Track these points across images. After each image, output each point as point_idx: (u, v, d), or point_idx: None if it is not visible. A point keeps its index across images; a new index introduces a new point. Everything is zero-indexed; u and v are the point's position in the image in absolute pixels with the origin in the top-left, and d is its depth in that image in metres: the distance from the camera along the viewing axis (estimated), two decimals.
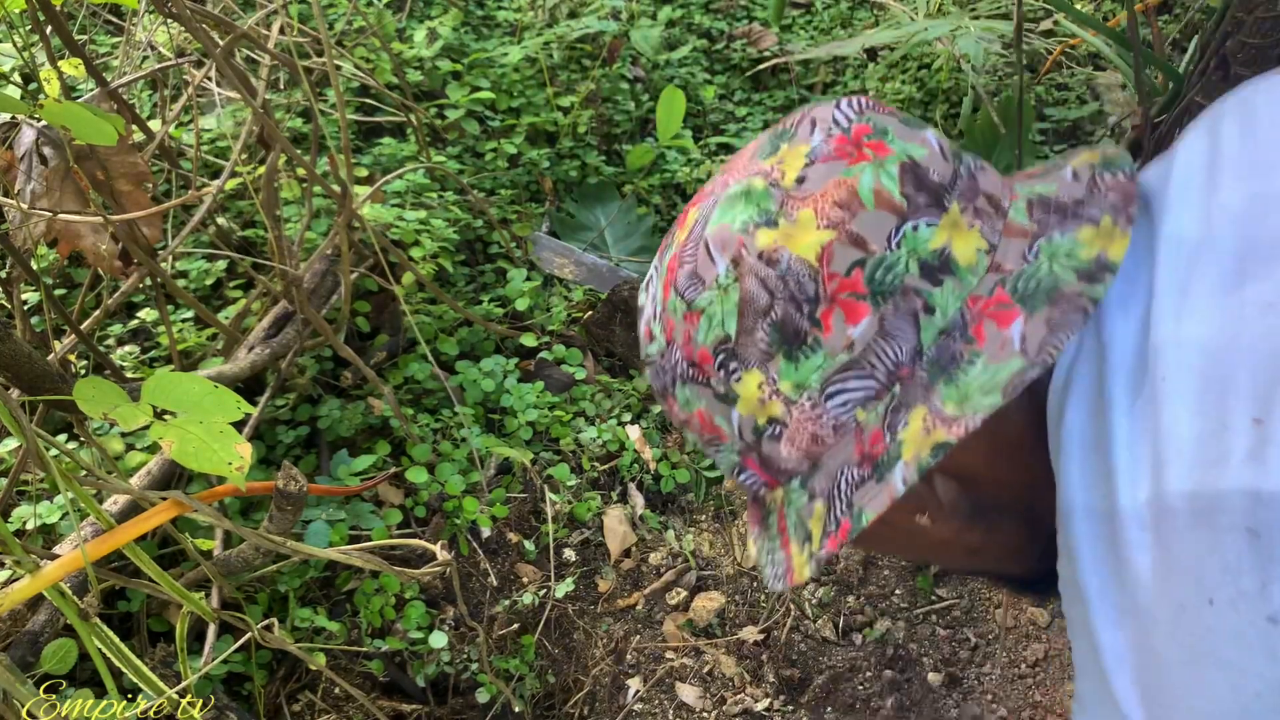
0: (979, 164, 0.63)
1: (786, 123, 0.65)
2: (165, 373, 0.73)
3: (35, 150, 1.16)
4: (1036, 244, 0.59)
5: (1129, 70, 1.35)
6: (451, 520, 1.69)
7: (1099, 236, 0.57)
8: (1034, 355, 0.55)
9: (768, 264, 0.59)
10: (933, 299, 0.59)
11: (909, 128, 0.62)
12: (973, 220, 0.60)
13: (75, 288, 1.74)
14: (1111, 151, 0.63)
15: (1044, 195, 0.62)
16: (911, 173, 0.60)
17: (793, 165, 0.61)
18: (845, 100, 0.64)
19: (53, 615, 1.11)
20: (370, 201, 1.89)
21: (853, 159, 0.60)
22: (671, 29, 2.82)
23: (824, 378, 0.60)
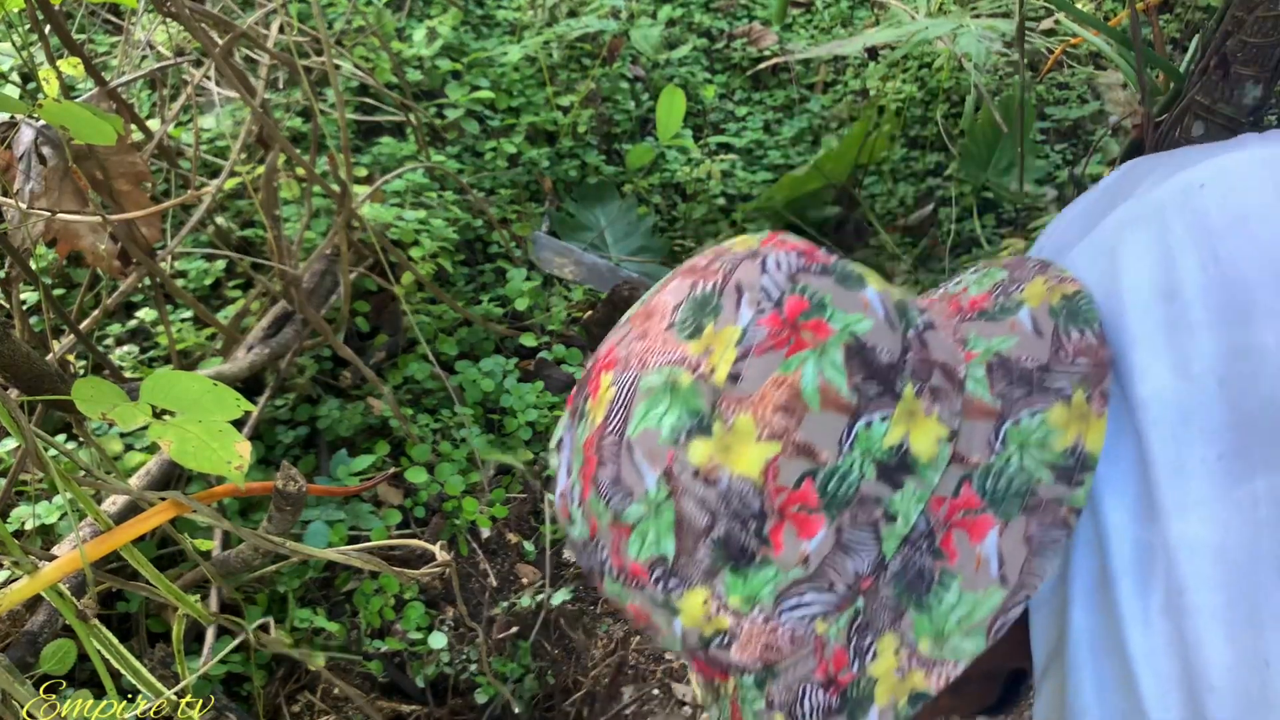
0: (926, 318, 0.56)
1: (706, 282, 0.55)
2: (164, 372, 0.73)
3: (34, 150, 1.16)
4: (1003, 428, 0.53)
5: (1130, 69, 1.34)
6: (451, 521, 1.69)
7: (1072, 418, 0.51)
8: (1015, 586, 0.50)
9: (705, 483, 0.52)
10: (893, 505, 0.52)
11: (847, 289, 0.54)
12: (930, 405, 0.53)
13: (74, 288, 1.73)
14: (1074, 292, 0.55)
15: (1003, 356, 0.54)
16: (858, 357, 0.52)
17: (723, 357, 0.52)
18: (773, 257, 0.55)
19: (51, 616, 1.11)
20: (369, 201, 1.89)
21: (791, 347, 0.52)
22: (671, 28, 2.82)
23: (776, 591, 0.54)
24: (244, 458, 0.70)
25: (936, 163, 2.52)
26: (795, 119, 2.66)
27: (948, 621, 0.51)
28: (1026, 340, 0.54)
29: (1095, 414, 0.50)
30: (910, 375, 0.53)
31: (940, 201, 2.41)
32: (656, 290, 0.59)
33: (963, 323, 0.58)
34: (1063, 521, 0.50)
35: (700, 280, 0.56)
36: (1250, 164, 0.52)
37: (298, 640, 1.47)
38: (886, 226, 2.36)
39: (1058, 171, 2.41)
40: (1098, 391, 0.50)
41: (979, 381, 0.54)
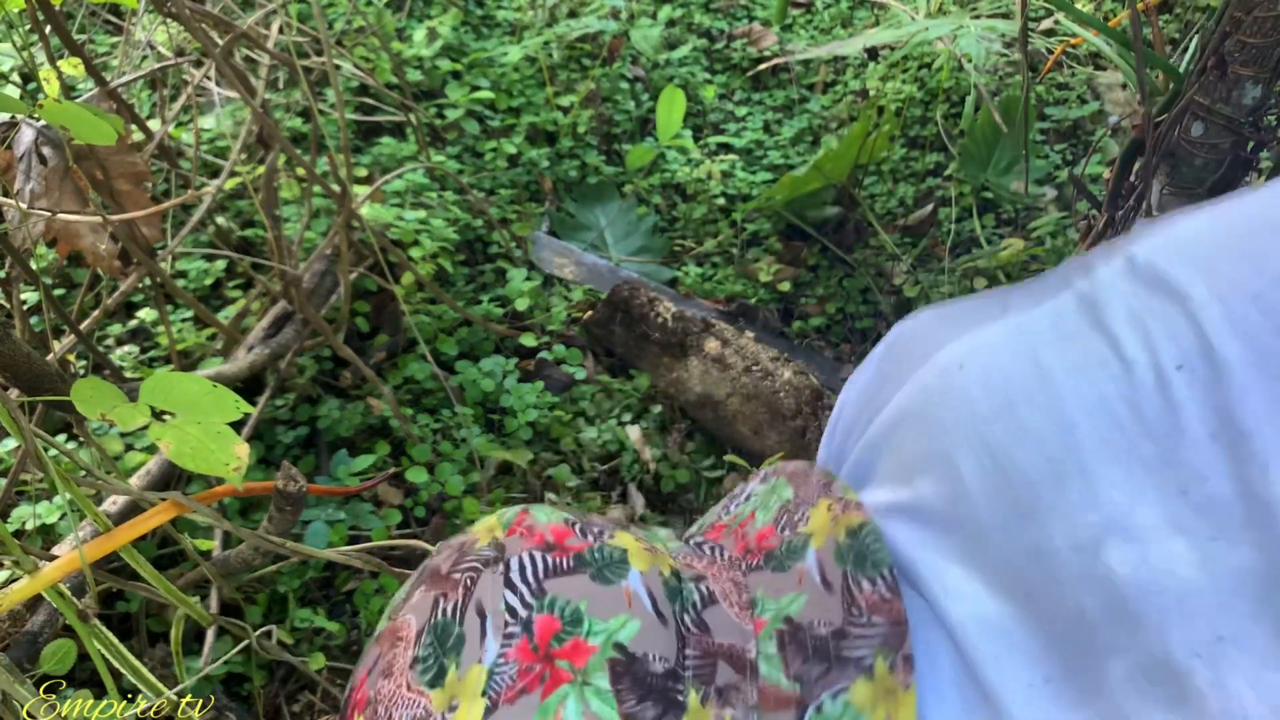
0: (704, 589, 0.50)
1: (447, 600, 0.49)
2: (164, 373, 0.73)
3: (34, 150, 1.16)
4: (805, 717, 0.46)
5: (1130, 70, 1.34)
6: (451, 521, 1.69)
7: (878, 695, 0.45)
8: None
9: None
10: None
11: (605, 583, 0.48)
12: (719, 709, 0.46)
13: (74, 288, 1.73)
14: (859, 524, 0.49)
15: (794, 622, 0.48)
16: (628, 675, 0.46)
17: (470, 711, 0.45)
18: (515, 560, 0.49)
19: (52, 615, 1.11)
20: (370, 201, 1.89)
21: (546, 684, 0.45)
22: (671, 28, 2.82)
23: None
24: (242, 460, 0.70)
25: (936, 163, 2.52)
26: (795, 119, 2.66)
27: None
28: (816, 597, 0.49)
29: (902, 687, 0.44)
30: (693, 678, 0.47)
31: (940, 201, 2.41)
32: (403, 597, 0.53)
33: (749, 573, 0.52)
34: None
35: (442, 596, 0.49)
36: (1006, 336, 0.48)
37: (298, 640, 1.47)
38: (886, 226, 2.36)
39: (1058, 172, 2.41)
40: (900, 658, 0.45)
41: (771, 662, 0.48)
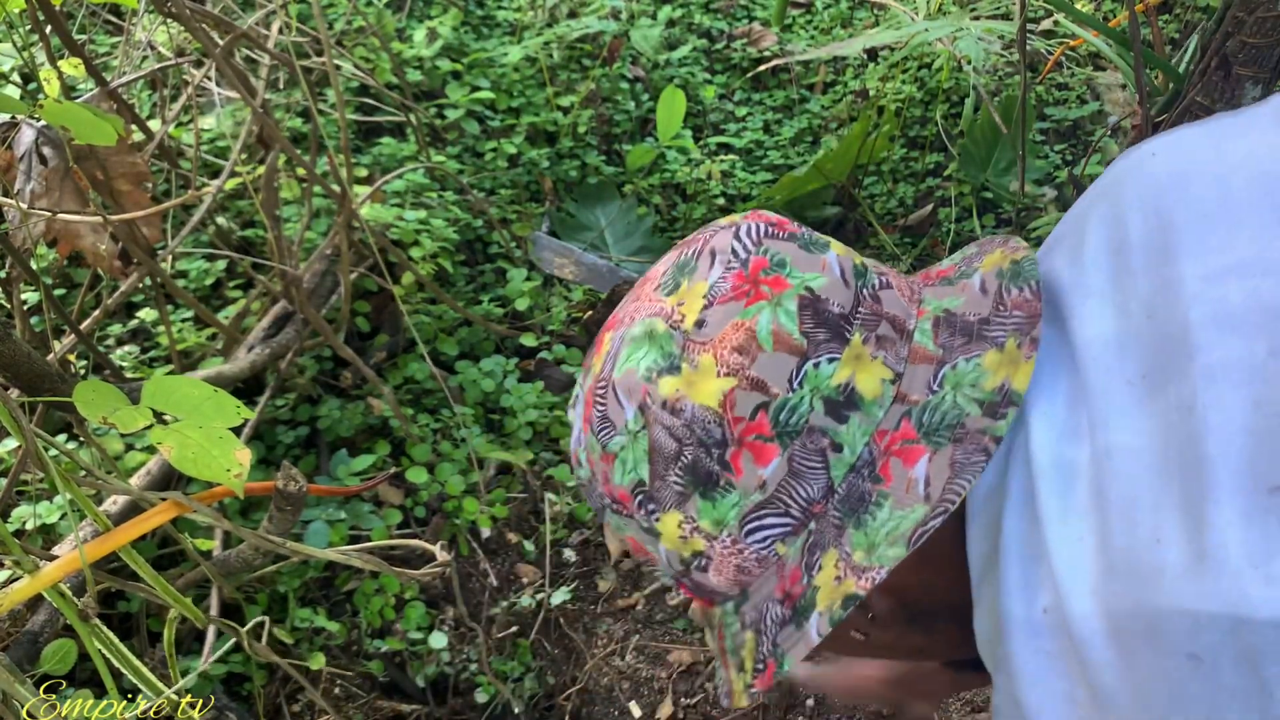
0: (884, 279, 0.62)
1: (689, 249, 0.64)
2: (165, 376, 0.73)
3: (35, 150, 1.16)
4: (942, 371, 0.58)
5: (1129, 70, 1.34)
6: (451, 520, 1.69)
7: (1003, 363, 0.56)
8: (936, 502, 0.55)
9: (672, 413, 0.59)
10: (839, 436, 0.59)
11: (809, 253, 0.61)
12: (875, 350, 0.59)
13: (75, 288, 1.74)
14: (1022, 257, 0.61)
15: (951, 312, 0.61)
16: (811, 307, 0.59)
17: (692, 306, 0.60)
18: (745, 225, 0.63)
19: (52, 615, 1.11)
20: (370, 201, 1.89)
21: (750, 298, 0.59)
22: (671, 29, 2.82)
23: (741, 515, 0.60)
24: (244, 466, 0.70)
25: (936, 163, 2.52)
26: (795, 119, 2.66)
27: (879, 534, 0.57)
28: (973, 298, 0.61)
29: (1024, 358, 0.55)
30: (860, 325, 0.60)
31: (940, 201, 2.41)
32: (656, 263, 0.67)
33: (925, 287, 0.64)
34: (984, 449, 0.55)
35: (686, 248, 0.64)
36: (1199, 132, 0.58)
37: (298, 640, 1.47)
38: (886, 226, 2.36)
39: (1057, 172, 2.41)
40: (1028, 339, 0.56)
41: (925, 333, 0.60)
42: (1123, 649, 0.48)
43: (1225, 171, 0.53)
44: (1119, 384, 0.52)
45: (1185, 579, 0.46)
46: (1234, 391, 0.47)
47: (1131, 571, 0.48)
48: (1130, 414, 0.51)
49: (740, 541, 0.61)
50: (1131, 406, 0.51)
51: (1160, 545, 0.47)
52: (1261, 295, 0.48)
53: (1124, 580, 0.48)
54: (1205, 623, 0.45)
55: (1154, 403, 0.50)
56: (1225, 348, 0.48)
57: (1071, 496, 0.51)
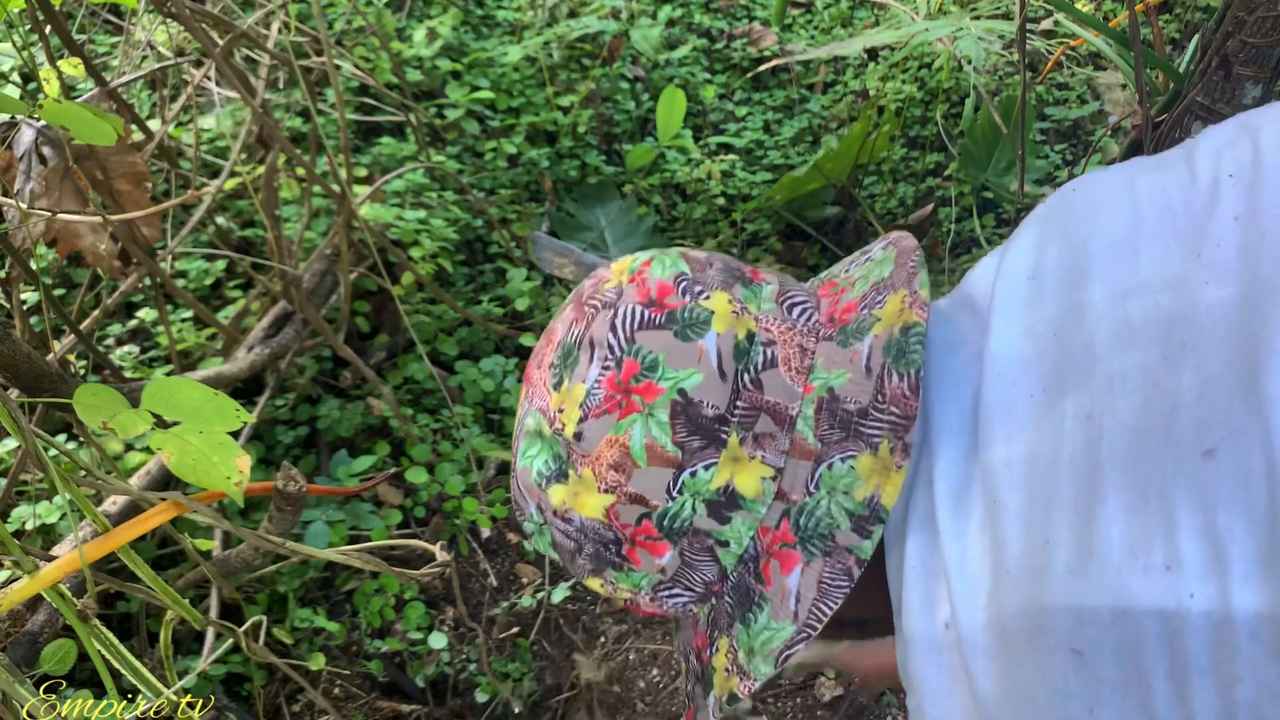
0: (770, 352, 0.61)
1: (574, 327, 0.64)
2: (165, 378, 0.73)
3: (34, 150, 1.16)
4: (819, 471, 0.59)
5: (1129, 70, 1.34)
6: (451, 520, 1.69)
7: (875, 470, 0.57)
8: (801, 626, 0.58)
9: (564, 520, 0.64)
10: (723, 535, 0.61)
11: (685, 340, 0.60)
12: (754, 450, 0.60)
13: (74, 288, 1.73)
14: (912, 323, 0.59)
15: (834, 393, 0.60)
16: (684, 414, 0.59)
17: (570, 415, 0.62)
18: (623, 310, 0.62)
19: (52, 615, 1.11)
20: (369, 201, 1.89)
21: (623, 410, 0.60)
22: (671, 28, 2.82)
23: (652, 585, 0.65)
24: (244, 473, 0.70)
25: (936, 163, 2.52)
26: (795, 119, 2.66)
27: (756, 641, 0.60)
28: (858, 378, 0.60)
29: (895, 467, 0.56)
30: (737, 424, 0.60)
31: (940, 201, 2.41)
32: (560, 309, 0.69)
33: (820, 341, 0.63)
34: (847, 571, 0.56)
35: (571, 324, 0.65)
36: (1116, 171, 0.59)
37: (298, 640, 1.47)
38: (886, 226, 2.36)
39: (1058, 172, 2.41)
40: (900, 444, 0.56)
41: (807, 420, 0.60)
42: (1005, 654, 0.49)
43: (1135, 204, 0.55)
44: (1022, 399, 0.53)
45: (1071, 576, 0.47)
46: (1128, 396, 0.49)
47: (1023, 574, 0.49)
48: (1029, 427, 0.52)
49: (657, 601, 0.66)
50: (1030, 419, 0.52)
51: (1050, 546, 0.48)
52: (1161, 309, 0.50)
53: (1015, 584, 0.49)
54: (1088, 617, 0.46)
55: (1052, 413, 0.52)
56: (1124, 359, 0.50)
57: (969, 513, 0.53)
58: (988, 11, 1.88)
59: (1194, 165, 0.55)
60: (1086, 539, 0.47)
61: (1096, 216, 0.57)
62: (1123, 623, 0.45)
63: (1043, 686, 0.47)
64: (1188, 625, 0.44)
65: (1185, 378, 0.48)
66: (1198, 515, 0.45)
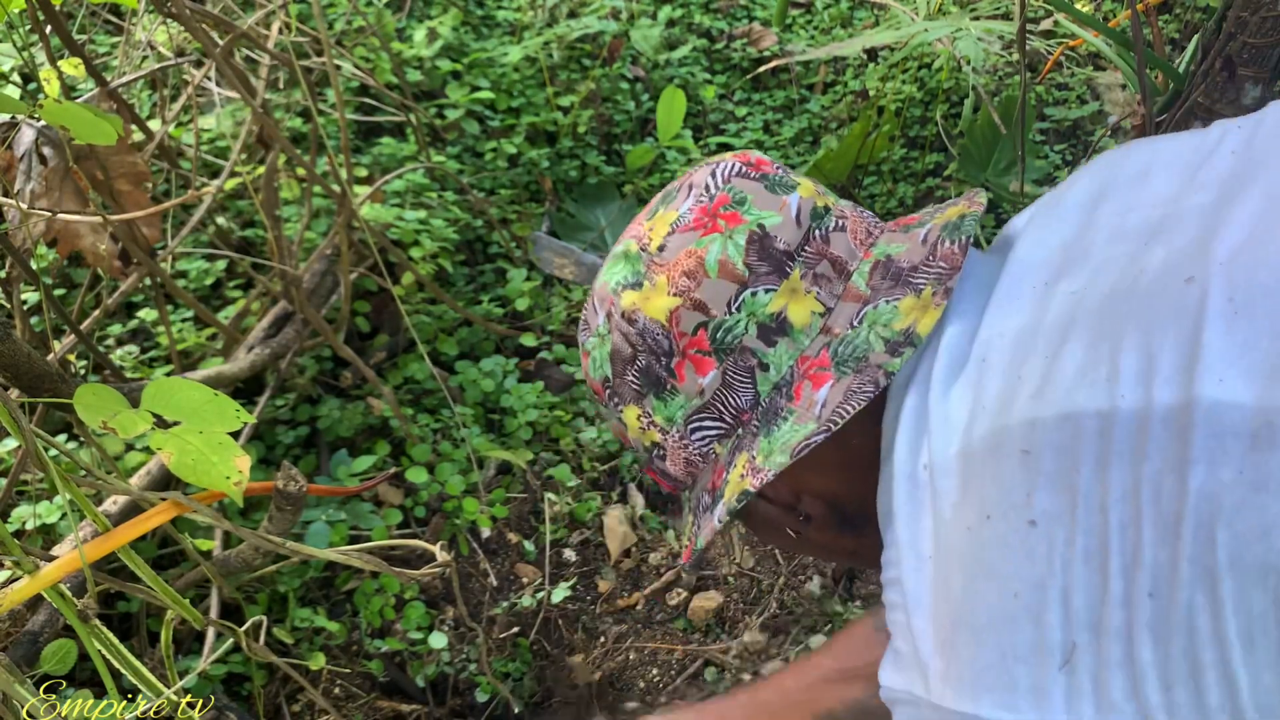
0: (840, 222, 0.71)
1: (680, 182, 0.73)
2: (165, 378, 0.73)
3: (35, 150, 1.16)
4: (864, 310, 0.67)
5: (1129, 70, 1.34)
6: (451, 520, 1.69)
7: (917, 307, 0.65)
8: (824, 420, 0.64)
9: (629, 322, 0.70)
10: (767, 357, 0.68)
11: (773, 193, 0.70)
12: (810, 286, 0.68)
13: (75, 288, 1.73)
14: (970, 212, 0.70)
15: (890, 257, 0.69)
16: (758, 243, 0.68)
17: (659, 232, 0.70)
18: (724, 164, 0.72)
19: (52, 615, 1.11)
20: (370, 201, 1.89)
21: (706, 229, 0.69)
22: (671, 29, 2.82)
23: (686, 415, 0.71)
24: (244, 473, 0.70)
25: (936, 163, 2.52)
26: (795, 119, 2.66)
27: (777, 444, 0.66)
28: (914, 247, 0.69)
29: (934, 305, 0.64)
30: (802, 262, 0.69)
31: (940, 201, 2.41)
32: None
33: (885, 232, 0.73)
34: (875, 381, 0.63)
35: (679, 182, 0.74)
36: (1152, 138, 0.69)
37: (298, 640, 1.47)
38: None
39: (1057, 172, 2.41)
40: (943, 288, 0.65)
41: (862, 274, 0.69)
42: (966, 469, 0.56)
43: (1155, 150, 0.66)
44: (1026, 288, 0.62)
45: (1030, 398, 0.55)
46: (1109, 272, 0.58)
47: (994, 407, 0.56)
48: (1026, 307, 0.60)
49: (686, 438, 0.72)
50: (1029, 302, 0.60)
51: (1021, 381, 0.56)
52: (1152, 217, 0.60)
53: (986, 416, 0.56)
54: (1038, 424, 0.54)
55: (1047, 295, 0.60)
56: (1113, 249, 0.59)
57: (960, 375, 0.60)
58: (987, 12, 1.87)
59: (1209, 129, 0.65)
60: (1049, 371, 0.55)
61: (1122, 162, 0.66)
62: (1065, 424, 0.53)
63: (993, 483, 0.55)
64: (1117, 418, 0.52)
65: (1156, 253, 0.57)
66: (1138, 338, 0.53)
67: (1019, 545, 0.53)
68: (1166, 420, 0.51)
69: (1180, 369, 0.51)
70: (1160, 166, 0.63)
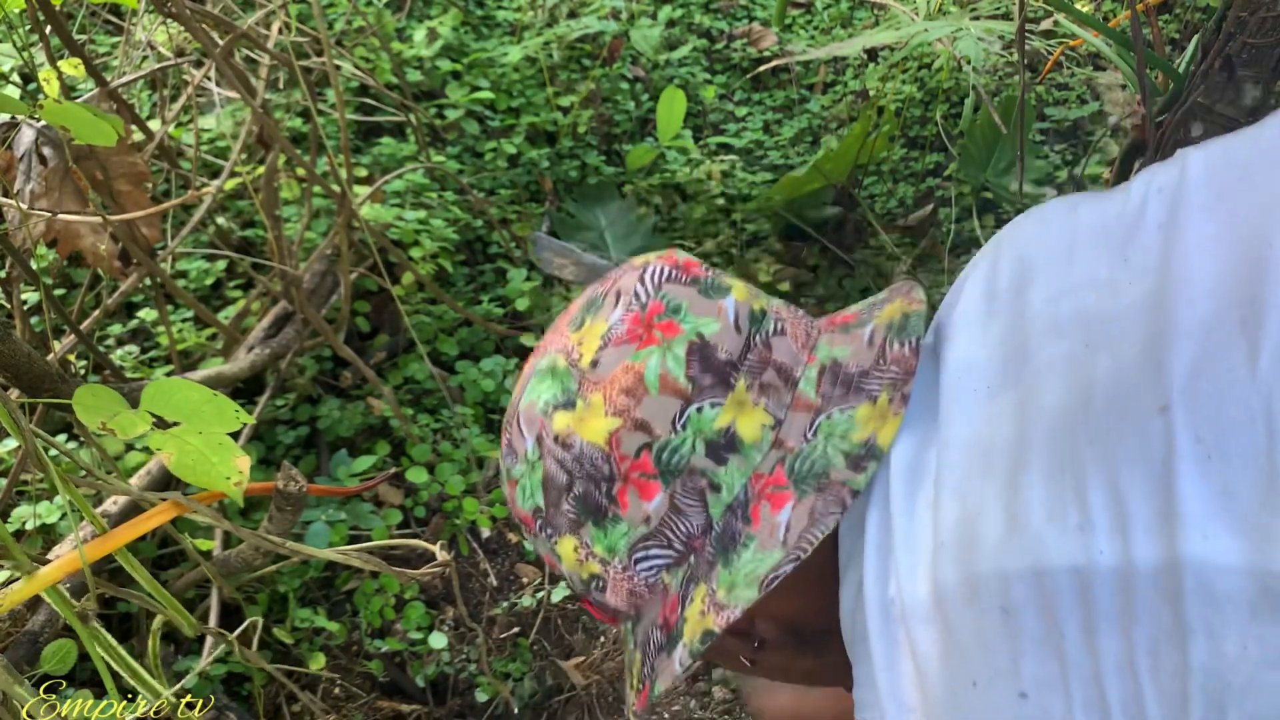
0: (780, 325, 0.66)
1: (602, 287, 0.67)
2: (165, 379, 0.73)
3: (35, 150, 1.16)
4: (818, 421, 0.62)
5: (1129, 70, 1.34)
6: (451, 520, 1.69)
7: (874, 416, 0.61)
8: (791, 548, 0.59)
9: (564, 447, 0.64)
10: (718, 477, 0.62)
11: (707, 298, 0.65)
12: (758, 397, 0.63)
13: (75, 288, 1.74)
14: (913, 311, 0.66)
15: (837, 361, 0.65)
16: (699, 353, 0.62)
17: (590, 346, 0.64)
18: (652, 268, 0.66)
19: (52, 615, 1.11)
20: (370, 201, 1.89)
21: (642, 341, 0.63)
22: (671, 29, 2.82)
23: (630, 544, 0.65)
24: (243, 474, 0.70)
25: (936, 163, 2.52)
26: (795, 119, 2.66)
27: (740, 575, 0.61)
28: (860, 350, 0.65)
29: (893, 414, 0.60)
30: (746, 372, 0.63)
31: (940, 202, 2.41)
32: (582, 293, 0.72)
33: (824, 333, 0.68)
34: (841, 500, 0.59)
35: (600, 286, 0.68)
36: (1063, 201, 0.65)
37: (298, 640, 1.47)
38: (886, 227, 2.36)
39: (1057, 172, 2.41)
40: (899, 395, 0.61)
41: (810, 381, 0.64)
42: (943, 619, 0.53)
43: (1075, 222, 0.62)
44: (967, 394, 0.58)
45: (999, 542, 0.52)
46: (1054, 381, 0.55)
47: (956, 545, 0.53)
48: (971, 414, 0.57)
49: (630, 569, 0.66)
50: (973, 408, 0.57)
51: (981, 517, 0.53)
52: (1086, 305, 0.56)
53: (951, 554, 0.53)
54: (1014, 577, 0.51)
55: (992, 405, 0.57)
56: (1053, 348, 0.56)
57: (919, 492, 0.57)
58: (987, 11, 1.88)
59: (1130, 189, 0.61)
60: (1012, 507, 0.52)
61: (1043, 236, 0.63)
62: (1042, 580, 0.50)
63: (976, 645, 0.51)
64: (1097, 578, 0.49)
65: (1102, 362, 0.53)
66: (1104, 476, 0.50)
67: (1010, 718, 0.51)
68: (1153, 581, 0.48)
69: (1158, 518, 0.48)
70: (1084, 244, 0.60)
